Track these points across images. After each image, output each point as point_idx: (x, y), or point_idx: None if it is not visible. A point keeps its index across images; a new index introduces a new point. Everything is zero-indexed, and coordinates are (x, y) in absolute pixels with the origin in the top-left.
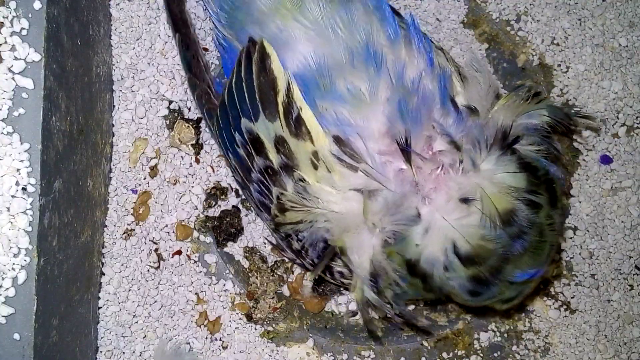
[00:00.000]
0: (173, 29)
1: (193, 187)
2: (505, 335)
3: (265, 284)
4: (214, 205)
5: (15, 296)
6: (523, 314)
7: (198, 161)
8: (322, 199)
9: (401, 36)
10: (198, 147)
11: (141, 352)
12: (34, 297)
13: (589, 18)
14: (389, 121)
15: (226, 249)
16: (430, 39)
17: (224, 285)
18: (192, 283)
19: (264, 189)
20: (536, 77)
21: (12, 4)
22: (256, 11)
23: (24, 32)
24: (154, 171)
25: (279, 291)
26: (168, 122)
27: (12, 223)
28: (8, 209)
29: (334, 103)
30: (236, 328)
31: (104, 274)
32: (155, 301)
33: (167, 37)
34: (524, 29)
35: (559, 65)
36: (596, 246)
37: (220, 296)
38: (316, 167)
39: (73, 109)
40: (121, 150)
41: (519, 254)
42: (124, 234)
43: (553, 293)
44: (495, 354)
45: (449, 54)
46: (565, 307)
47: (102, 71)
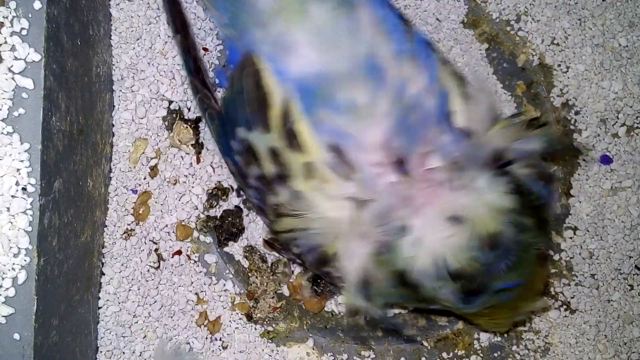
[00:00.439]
0: (173, 30)
1: (193, 187)
2: (505, 335)
3: (265, 284)
4: (215, 206)
5: (15, 296)
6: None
7: (198, 161)
8: (315, 208)
9: (406, 51)
10: (198, 147)
11: (141, 352)
12: (34, 297)
13: (589, 18)
14: (386, 135)
15: (226, 249)
16: (436, 49)
17: (224, 285)
18: (192, 283)
19: (260, 195)
20: (536, 77)
21: (12, 4)
22: (259, 13)
23: (24, 32)
24: (154, 171)
25: (279, 291)
26: (167, 123)
27: (12, 223)
28: (8, 209)
29: (331, 112)
30: (236, 328)
31: (104, 274)
32: (155, 301)
33: (167, 37)
34: (524, 29)
35: (559, 65)
36: (596, 246)
37: (220, 296)
38: (309, 178)
39: (73, 109)
40: (121, 150)
41: (502, 272)
42: (124, 234)
43: (553, 293)
44: (495, 354)
45: (455, 65)
46: (565, 307)
47: (102, 71)
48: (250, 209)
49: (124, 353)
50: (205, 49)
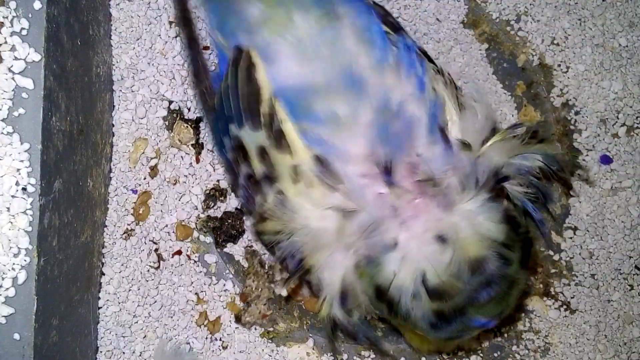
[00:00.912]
0: (179, 25)
1: (193, 187)
2: (505, 335)
3: (260, 289)
4: (213, 207)
5: (15, 296)
6: (523, 314)
7: (198, 161)
8: (299, 214)
9: (389, 59)
10: (198, 147)
11: (141, 352)
12: (34, 297)
13: (589, 18)
14: (370, 145)
15: (226, 249)
16: (427, 60)
17: (224, 285)
18: (192, 283)
19: (248, 195)
20: (536, 77)
21: (12, 4)
22: (246, 21)
23: (24, 32)
24: (154, 171)
25: (271, 298)
26: (167, 123)
27: (12, 223)
28: (8, 209)
29: (313, 124)
30: (236, 328)
31: (104, 274)
32: (155, 301)
33: (167, 37)
34: (524, 29)
35: (559, 65)
36: (596, 246)
37: (220, 296)
38: (296, 182)
39: (73, 109)
40: (121, 150)
41: (483, 301)
42: (124, 234)
43: (553, 293)
44: (495, 354)
45: (450, 77)
46: (565, 307)
47: (102, 71)
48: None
49: (124, 353)
50: (206, 48)
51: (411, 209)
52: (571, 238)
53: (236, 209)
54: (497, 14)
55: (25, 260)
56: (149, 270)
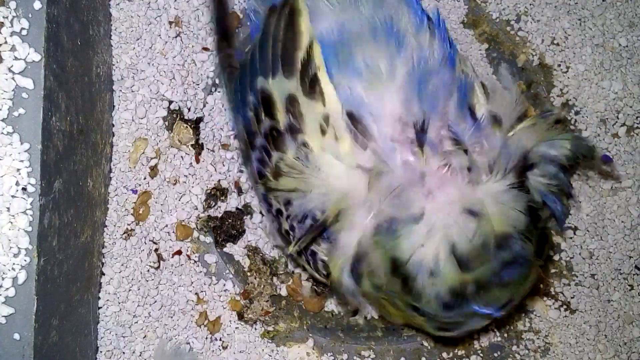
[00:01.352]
0: None
1: (193, 187)
2: (505, 335)
3: (262, 286)
4: (214, 206)
5: (15, 296)
6: (523, 314)
7: (198, 161)
8: (323, 169)
9: (426, 25)
10: (198, 147)
11: (141, 352)
12: (34, 297)
13: (589, 18)
14: (405, 103)
15: (226, 249)
16: (457, 46)
17: (224, 285)
18: (192, 283)
19: (265, 155)
20: (536, 77)
21: (12, 4)
22: None
23: (24, 32)
24: (154, 171)
25: (274, 295)
26: (167, 123)
27: (12, 223)
28: (8, 209)
29: (349, 77)
30: (236, 328)
31: (104, 274)
32: (155, 301)
33: (167, 37)
34: (524, 29)
35: (559, 65)
36: (596, 246)
37: (220, 296)
38: (324, 133)
39: (73, 109)
40: (121, 150)
41: (506, 280)
42: (124, 234)
43: (553, 293)
44: (496, 354)
45: (473, 67)
46: (565, 307)
47: (102, 71)
48: (250, 213)
49: (124, 353)
50: (206, 49)
51: (438, 179)
52: (571, 238)
53: (236, 208)
54: (497, 14)
55: (25, 260)
56: (149, 270)
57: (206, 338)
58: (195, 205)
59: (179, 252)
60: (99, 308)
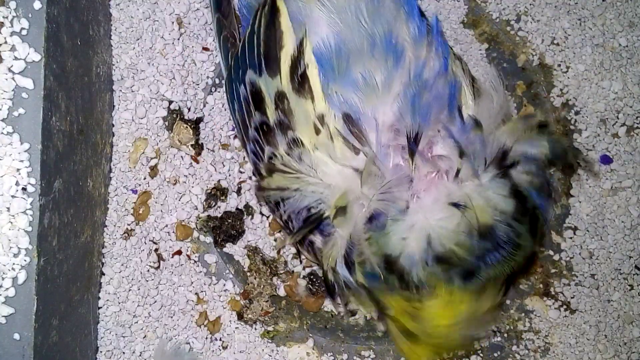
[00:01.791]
0: None
1: (193, 187)
2: (505, 335)
3: (262, 286)
4: (214, 206)
5: (15, 296)
6: (523, 314)
7: (198, 161)
8: (318, 168)
9: (425, 36)
10: (198, 147)
11: (141, 352)
12: (34, 297)
13: (589, 18)
14: (399, 114)
15: (226, 249)
16: (450, 46)
17: (224, 285)
18: (192, 283)
19: (257, 148)
20: (536, 77)
21: (12, 4)
22: None
23: (24, 32)
24: (154, 171)
25: (274, 295)
26: (167, 123)
27: (12, 223)
28: (8, 209)
29: (345, 88)
30: (236, 328)
31: (104, 274)
32: (155, 301)
33: (167, 37)
34: (524, 29)
35: (559, 65)
36: (596, 246)
37: (220, 296)
38: (318, 132)
39: (73, 109)
40: (121, 150)
41: (490, 264)
42: (124, 234)
43: (553, 293)
44: (495, 354)
45: (467, 65)
46: (565, 307)
47: (102, 71)
48: (250, 213)
49: (124, 353)
50: (206, 49)
51: (425, 182)
52: (571, 238)
53: (236, 208)
54: (497, 14)
55: (25, 260)
56: (149, 270)
57: (206, 338)
58: (195, 205)
59: (179, 252)
60: (99, 308)
